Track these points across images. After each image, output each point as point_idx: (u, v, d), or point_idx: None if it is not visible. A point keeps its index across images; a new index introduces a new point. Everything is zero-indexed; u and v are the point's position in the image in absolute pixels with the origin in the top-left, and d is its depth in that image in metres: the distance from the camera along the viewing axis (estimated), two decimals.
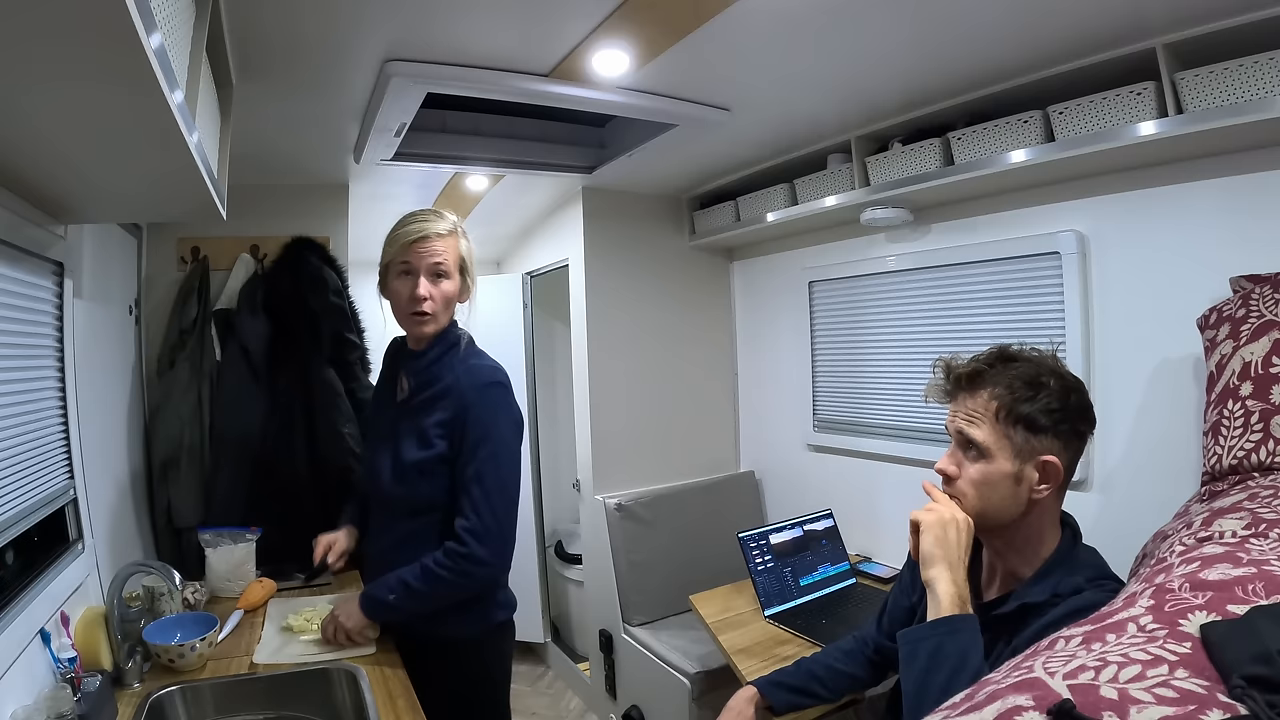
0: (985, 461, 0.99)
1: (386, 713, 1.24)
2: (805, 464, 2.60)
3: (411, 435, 1.42)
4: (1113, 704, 0.44)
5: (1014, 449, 0.97)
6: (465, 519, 1.36)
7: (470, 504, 1.36)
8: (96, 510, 1.52)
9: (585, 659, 2.91)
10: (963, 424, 1.02)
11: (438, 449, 1.39)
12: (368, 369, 2.27)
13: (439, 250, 1.40)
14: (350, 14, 1.29)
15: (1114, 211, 1.68)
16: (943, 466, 1.05)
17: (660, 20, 1.35)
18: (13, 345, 1.22)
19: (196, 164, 1.02)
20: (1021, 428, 0.97)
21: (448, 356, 1.45)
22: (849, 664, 1.32)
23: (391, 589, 1.38)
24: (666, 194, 2.78)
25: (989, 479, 0.98)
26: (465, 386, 1.39)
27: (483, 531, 1.35)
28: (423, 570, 1.36)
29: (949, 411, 1.07)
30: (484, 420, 1.38)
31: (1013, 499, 0.98)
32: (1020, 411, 0.97)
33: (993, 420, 0.99)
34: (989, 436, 0.98)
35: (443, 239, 1.41)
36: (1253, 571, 0.63)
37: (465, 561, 1.35)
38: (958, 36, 1.45)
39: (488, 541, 1.36)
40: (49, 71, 0.72)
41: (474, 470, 1.36)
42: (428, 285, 1.40)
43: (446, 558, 1.35)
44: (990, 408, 0.99)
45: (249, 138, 1.78)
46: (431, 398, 1.42)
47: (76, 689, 1.12)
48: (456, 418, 1.38)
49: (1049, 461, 0.97)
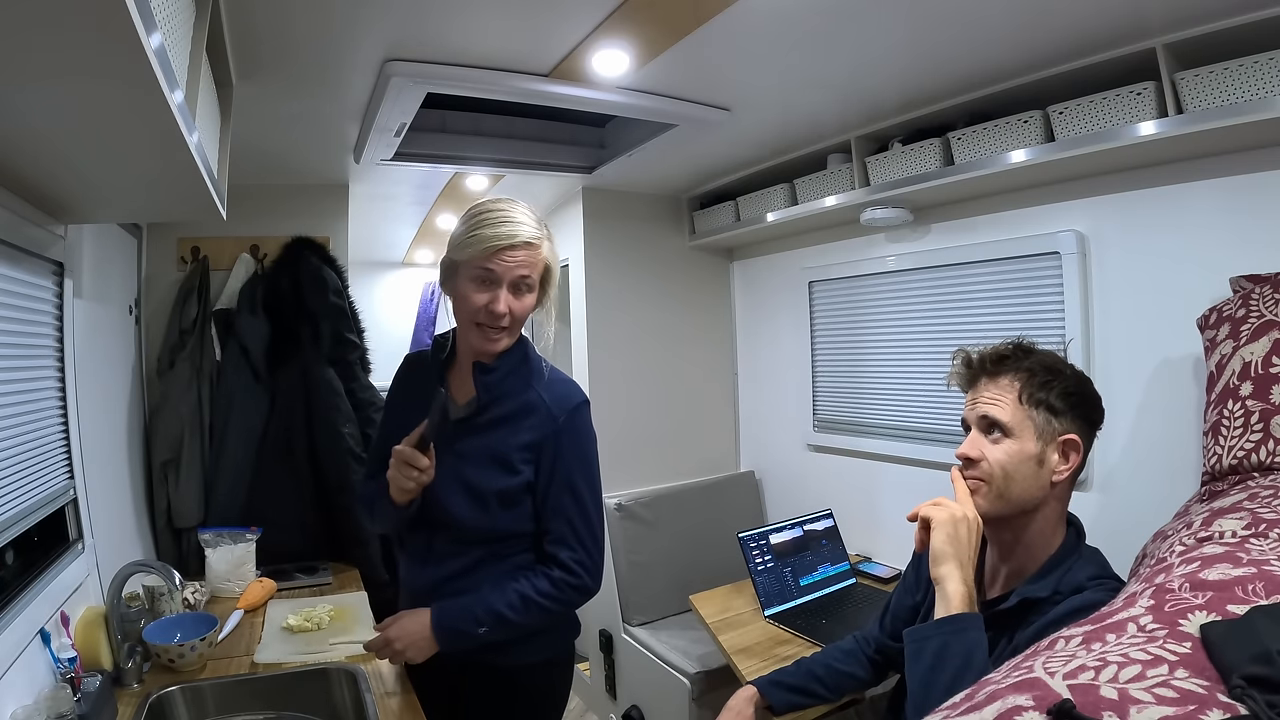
0: (1009, 441, 1.01)
1: (386, 713, 1.24)
2: (805, 464, 2.60)
3: (485, 457, 1.24)
4: (1113, 704, 0.44)
5: (1036, 430, 1.00)
6: (572, 550, 1.24)
7: (574, 533, 1.25)
8: (96, 510, 1.52)
9: (585, 659, 2.91)
10: (986, 406, 1.04)
11: (524, 475, 1.23)
12: (368, 369, 2.27)
13: (526, 262, 1.17)
14: (350, 14, 1.29)
15: (1114, 211, 1.68)
16: (965, 451, 1.05)
17: (660, 20, 1.35)
18: (13, 345, 1.22)
19: (196, 164, 1.02)
20: (1043, 410, 1.01)
21: (520, 371, 1.27)
22: (849, 663, 1.32)
23: (481, 621, 1.21)
24: (666, 194, 2.78)
25: (1014, 458, 1.00)
26: (555, 409, 1.24)
27: (591, 565, 1.26)
28: (524, 601, 1.21)
29: (967, 400, 1.09)
30: (579, 444, 1.26)
31: (1035, 481, 1.00)
32: (1040, 395, 1.01)
33: (1015, 401, 1.02)
34: (1013, 416, 1.01)
35: (531, 249, 1.18)
36: (1253, 571, 0.63)
37: (574, 592, 1.25)
38: (957, 36, 1.45)
39: (596, 574, 1.27)
40: (49, 71, 0.72)
41: (573, 498, 1.25)
42: (509, 299, 1.18)
43: (556, 589, 1.23)
44: (1013, 388, 1.03)
45: (249, 138, 1.78)
46: (507, 416, 1.25)
47: (76, 689, 1.12)
48: (546, 441, 1.23)
49: (1070, 439, 1.01)
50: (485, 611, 1.21)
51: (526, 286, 1.19)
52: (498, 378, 1.24)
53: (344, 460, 2.08)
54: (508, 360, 1.25)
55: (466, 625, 1.22)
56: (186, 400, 2.00)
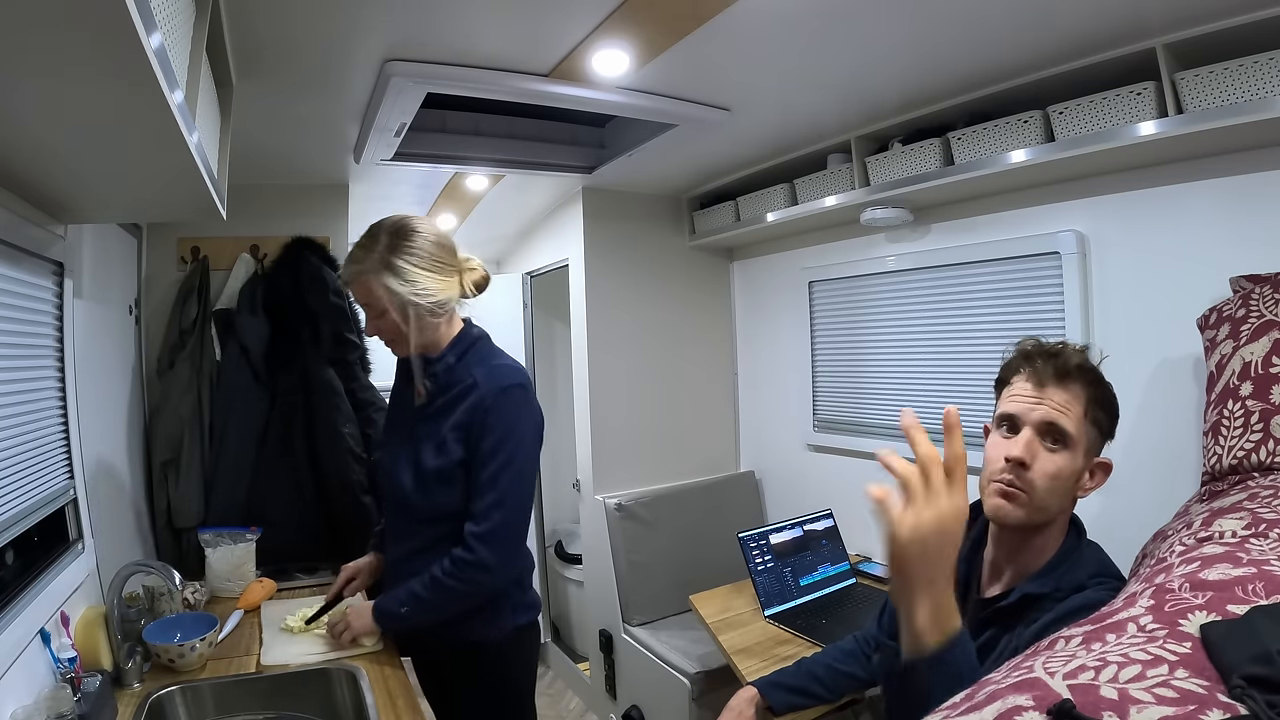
0: (1066, 453, 0.98)
1: (386, 713, 1.24)
2: (805, 464, 2.60)
3: (430, 441, 1.36)
4: (1113, 704, 0.44)
5: (1088, 446, 1.00)
6: (475, 524, 1.32)
7: (482, 508, 1.32)
8: (96, 510, 1.51)
9: (585, 659, 2.91)
10: (1056, 413, 0.98)
11: (456, 454, 1.34)
12: (368, 369, 2.27)
13: (359, 296, 1.35)
14: (350, 14, 1.29)
15: (1114, 211, 1.68)
16: (1018, 454, 0.96)
17: (660, 20, 1.35)
18: (13, 345, 1.22)
19: (196, 164, 1.02)
20: (1096, 428, 1.00)
21: (466, 358, 1.39)
22: (849, 664, 1.32)
23: (403, 601, 1.35)
24: (666, 194, 2.78)
25: (1063, 472, 0.97)
26: (485, 389, 1.33)
27: (490, 537, 1.31)
28: (431, 581, 1.32)
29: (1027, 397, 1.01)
30: (503, 423, 1.32)
31: (1068, 495, 0.99)
32: (1099, 414, 1.00)
33: (1081, 414, 0.99)
34: (1078, 429, 0.98)
35: (353, 284, 1.34)
36: (1253, 571, 0.63)
37: (472, 569, 1.31)
38: (957, 36, 1.45)
39: (495, 548, 1.31)
40: (49, 71, 0.72)
41: (489, 474, 1.31)
42: (372, 322, 1.36)
43: (454, 566, 1.31)
44: (1081, 399, 1.00)
45: (249, 138, 1.78)
46: (450, 401, 1.36)
47: (76, 689, 1.12)
48: (475, 421, 1.33)
49: (1104, 463, 1.01)
50: (407, 593, 1.35)
51: (374, 312, 1.34)
52: (441, 368, 1.38)
53: (344, 460, 2.08)
54: (451, 351, 1.39)
55: (391, 605, 1.37)
56: (186, 400, 2.00)
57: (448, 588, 1.31)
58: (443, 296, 1.34)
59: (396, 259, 1.30)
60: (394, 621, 1.39)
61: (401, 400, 1.49)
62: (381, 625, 1.42)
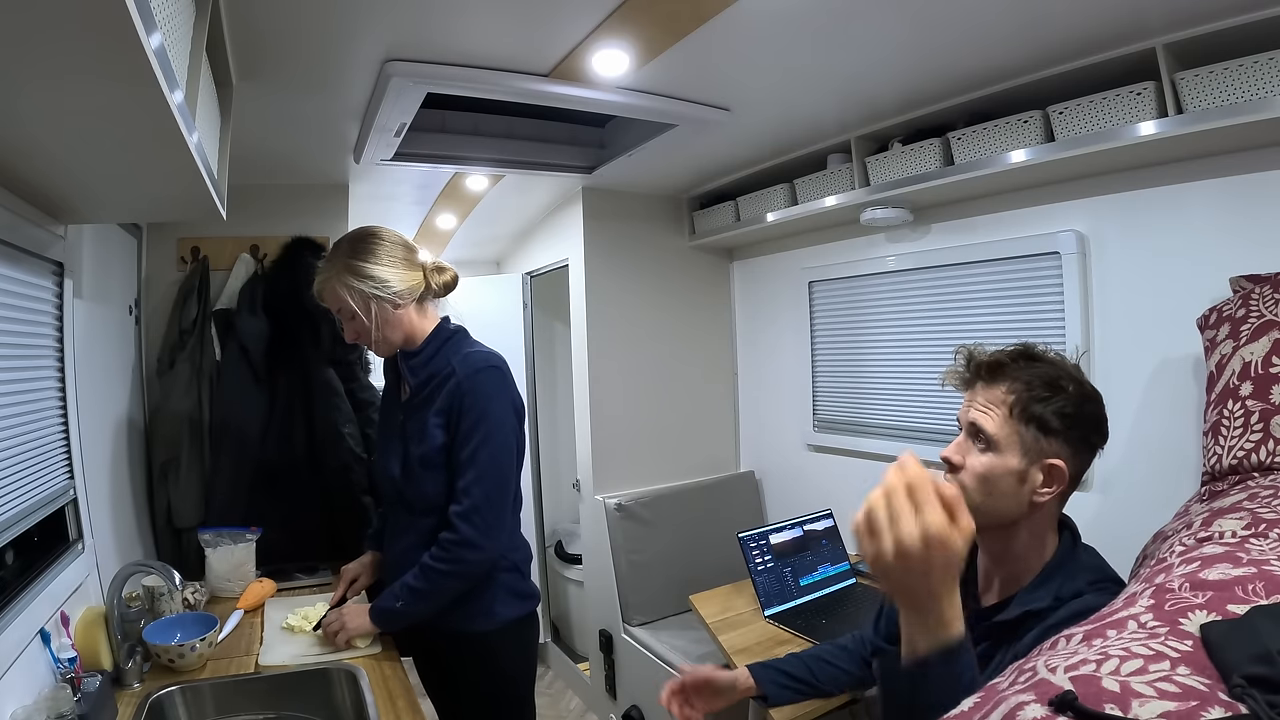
0: (993, 454, 0.96)
1: (386, 713, 1.24)
2: (805, 464, 2.60)
3: (417, 431, 1.41)
4: (1115, 696, 0.44)
5: (1023, 447, 0.96)
6: (457, 503, 1.35)
7: (462, 486, 1.35)
8: (96, 510, 1.52)
9: (585, 659, 2.91)
10: (977, 414, 0.99)
11: (438, 439, 1.38)
12: (367, 369, 2.27)
13: (328, 306, 1.41)
14: (350, 14, 1.29)
15: (1114, 211, 1.68)
16: (948, 454, 1.00)
17: (660, 20, 1.35)
18: (13, 345, 1.22)
19: (196, 164, 1.02)
20: (1033, 427, 0.95)
21: (444, 350, 1.44)
22: (844, 659, 1.30)
23: (398, 596, 1.37)
24: (666, 194, 2.78)
25: (993, 473, 0.96)
26: (461, 373, 1.38)
27: (473, 514, 1.33)
28: (422, 569, 1.36)
29: (964, 400, 1.04)
30: (479, 403, 1.36)
31: (1014, 498, 0.96)
32: (1034, 410, 0.96)
33: (1006, 414, 0.97)
34: (1000, 429, 0.96)
35: (323, 292, 1.40)
36: (1253, 571, 0.63)
37: (457, 548, 1.33)
38: (958, 37, 1.45)
39: (478, 523, 1.34)
40: (49, 71, 0.72)
41: (467, 453, 1.35)
42: (347, 326, 1.42)
43: (440, 548, 1.34)
44: (1006, 401, 0.97)
45: (249, 138, 1.78)
46: (432, 391, 1.41)
47: (76, 689, 1.12)
48: (454, 405, 1.37)
49: (1055, 465, 0.95)
50: (400, 587, 1.37)
51: (346, 315, 1.40)
52: (420, 361, 1.43)
53: (344, 460, 2.08)
54: (429, 345, 1.44)
55: (389, 604, 1.39)
56: (186, 400, 2.00)
57: (439, 572, 1.34)
58: (402, 286, 1.39)
59: (355, 260, 1.38)
60: (393, 618, 1.40)
61: (391, 397, 1.55)
62: (382, 625, 1.43)
